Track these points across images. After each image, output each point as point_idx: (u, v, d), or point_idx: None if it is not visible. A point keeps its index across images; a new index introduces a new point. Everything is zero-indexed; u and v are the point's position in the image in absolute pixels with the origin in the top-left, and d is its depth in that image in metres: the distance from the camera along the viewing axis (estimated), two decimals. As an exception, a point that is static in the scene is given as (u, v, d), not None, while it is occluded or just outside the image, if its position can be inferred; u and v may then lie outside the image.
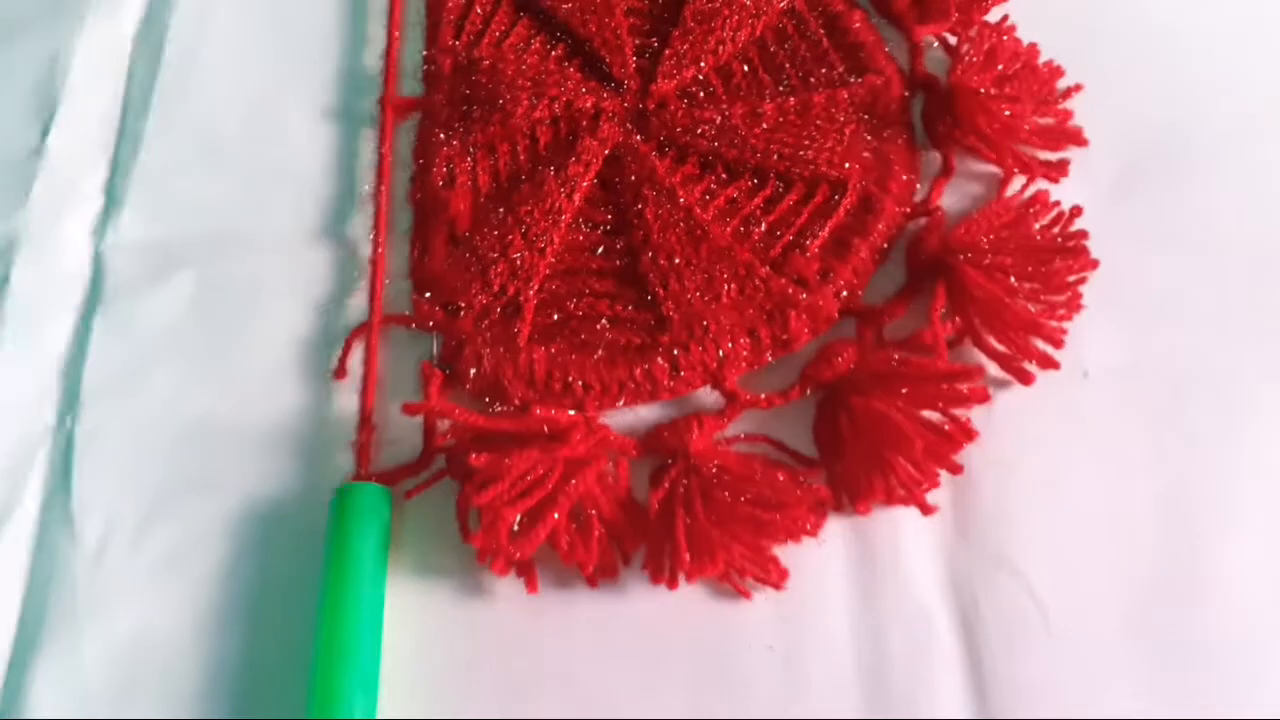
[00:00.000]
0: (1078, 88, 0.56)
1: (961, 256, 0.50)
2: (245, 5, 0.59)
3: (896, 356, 0.48)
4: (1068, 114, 0.55)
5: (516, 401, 0.49)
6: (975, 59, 0.55)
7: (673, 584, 0.44)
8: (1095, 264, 0.50)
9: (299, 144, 0.56)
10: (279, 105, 0.57)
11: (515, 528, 0.44)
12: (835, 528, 0.46)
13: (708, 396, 0.50)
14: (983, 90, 0.53)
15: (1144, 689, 0.43)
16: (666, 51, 0.56)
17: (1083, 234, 0.51)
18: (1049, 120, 0.55)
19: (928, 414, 0.47)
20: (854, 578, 0.46)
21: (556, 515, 0.44)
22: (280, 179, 0.55)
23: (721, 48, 0.56)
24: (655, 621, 0.45)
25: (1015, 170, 0.53)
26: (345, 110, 0.57)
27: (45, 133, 0.55)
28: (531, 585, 0.45)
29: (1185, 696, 0.43)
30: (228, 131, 0.56)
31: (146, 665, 0.44)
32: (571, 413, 0.48)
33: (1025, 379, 0.49)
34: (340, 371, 0.50)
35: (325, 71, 0.58)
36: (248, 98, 0.57)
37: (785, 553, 0.45)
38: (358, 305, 0.52)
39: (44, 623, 0.45)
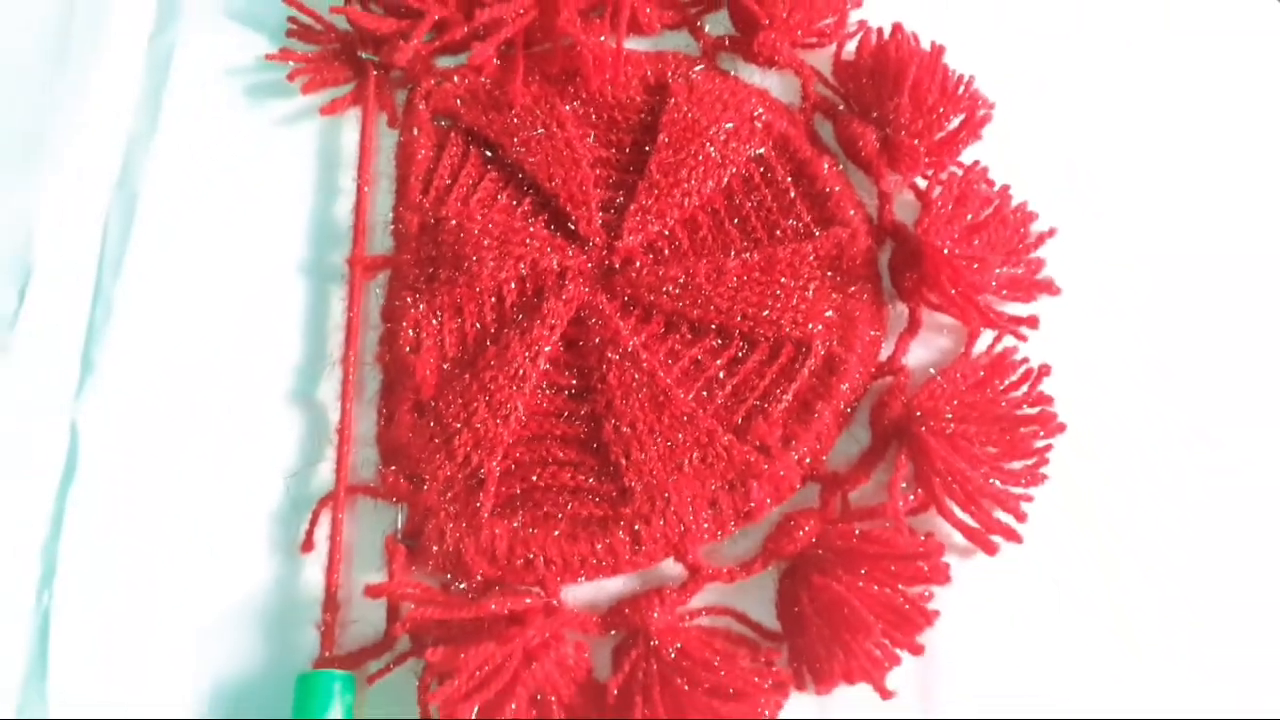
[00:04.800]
0: (1050, 232, 0.55)
1: (924, 426, 0.49)
2: (217, 160, 0.60)
3: (857, 531, 0.48)
4: (1039, 264, 0.55)
5: (478, 578, 0.49)
6: (944, 208, 0.54)
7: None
8: (1062, 428, 0.50)
9: (270, 302, 0.56)
10: (251, 262, 0.57)
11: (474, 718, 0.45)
12: (800, 703, 0.46)
13: (671, 568, 0.50)
14: (946, 247, 0.53)
15: None
16: (632, 207, 0.56)
17: (1047, 398, 0.50)
18: (1018, 270, 0.54)
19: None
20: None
21: (514, 705, 0.45)
22: (251, 341, 0.55)
23: (688, 201, 0.56)
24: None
25: (982, 328, 0.53)
26: (316, 266, 0.57)
27: (21, 298, 0.56)
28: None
29: None
30: (200, 292, 0.56)
31: None
32: (533, 591, 0.48)
33: (989, 549, 0.49)
34: (307, 544, 0.51)
35: (297, 225, 0.58)
36: (220, 255, 0.57)
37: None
38: (327, 472, 0.52)
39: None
